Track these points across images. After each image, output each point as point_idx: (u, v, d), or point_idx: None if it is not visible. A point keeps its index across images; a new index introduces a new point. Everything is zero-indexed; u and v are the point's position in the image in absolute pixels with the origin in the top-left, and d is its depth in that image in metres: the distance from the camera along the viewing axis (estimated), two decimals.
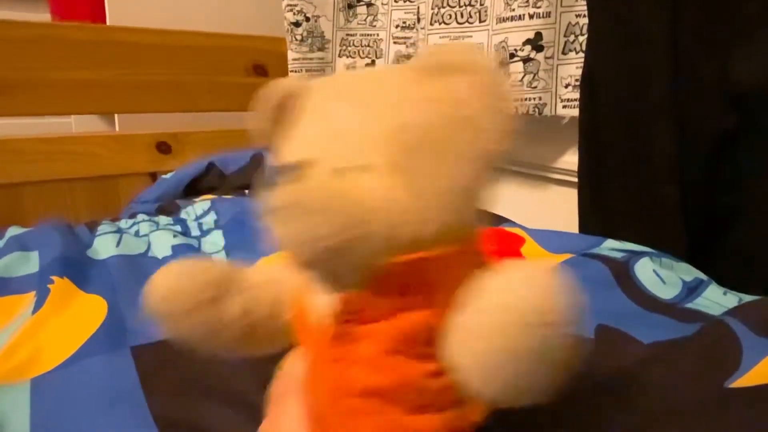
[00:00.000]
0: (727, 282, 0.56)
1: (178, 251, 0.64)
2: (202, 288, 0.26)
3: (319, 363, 0.25)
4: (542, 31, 0.78)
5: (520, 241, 0.66)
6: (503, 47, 0.82)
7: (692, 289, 0.54)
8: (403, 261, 0.22)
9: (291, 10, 1.09)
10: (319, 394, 0.25)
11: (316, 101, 0.26)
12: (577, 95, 0.75)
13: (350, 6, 1.11)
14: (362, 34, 1.12)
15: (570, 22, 0.78)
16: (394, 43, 1.08)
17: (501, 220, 0.81)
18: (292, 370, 0.28)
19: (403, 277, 0.23)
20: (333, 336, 0.24)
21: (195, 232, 0.72)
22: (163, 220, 0.75)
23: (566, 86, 0.80)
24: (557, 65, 0.80)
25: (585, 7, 0.73)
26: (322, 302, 0.25)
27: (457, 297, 0.23)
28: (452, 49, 0.25)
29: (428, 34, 0.93)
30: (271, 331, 0.28)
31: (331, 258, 0.21)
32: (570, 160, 0.86)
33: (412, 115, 0.24)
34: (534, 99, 0.80)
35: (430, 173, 0.23)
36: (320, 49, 1.13)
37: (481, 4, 0.86)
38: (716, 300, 0.52)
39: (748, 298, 0.51)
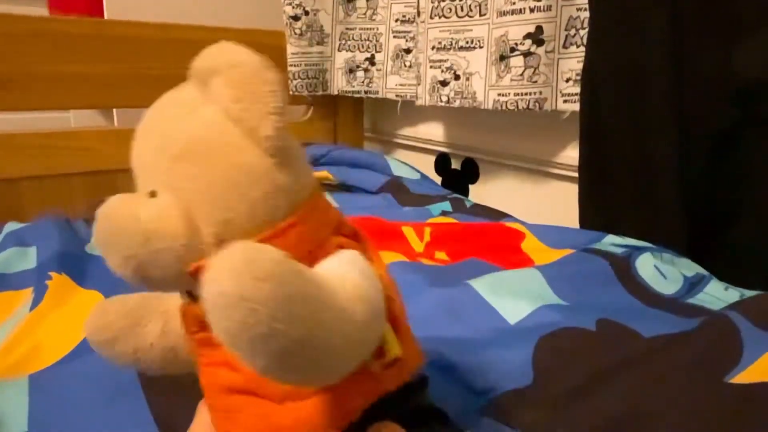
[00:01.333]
0: (728, 277, 0.56)
1: None
2: (119, 318, 0.28)
3: (200, 366, 0.27)
4: (543, 25, 0.78)
5: (520, 236, 0.66)
6: (503, 41, 0.81)
7: (693, 285, 0.54)
8: (191, 269, 0.23)
9: (290, 4, 1.08)
10: (207, 394, 0.27)
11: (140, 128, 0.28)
12: (577, 90, 0.75)
13: (349, 0, 1.11)
14: (362, 28, 1.11)
15: (571, 16, 0.78)
16: (394, 37, 1.07)
17: (501, 215, 0.80)
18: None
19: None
20: (199, 342, 0.26)
21: None
22: None
23: (567, 81, 0.79)
24: (558, 59, 0.79)
25: (586, 1, 0.72)
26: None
27: None
28: (206, 51, 0.26)
29: (428, 28, 0.92)
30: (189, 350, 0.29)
31: (139, 276, 0.24)
32: (570, 154, 0.85)
33: (165, 135, 0.25)
34: (534, 93, 0.80)
35: (192, 182, 0.24)
36: (319, 43, 1.12)
37: None
38: (717, 295, 0.52)
39: (749, 293, 0.51)
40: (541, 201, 0.95)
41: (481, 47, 0.87)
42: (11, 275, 0.54)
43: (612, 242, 0.62)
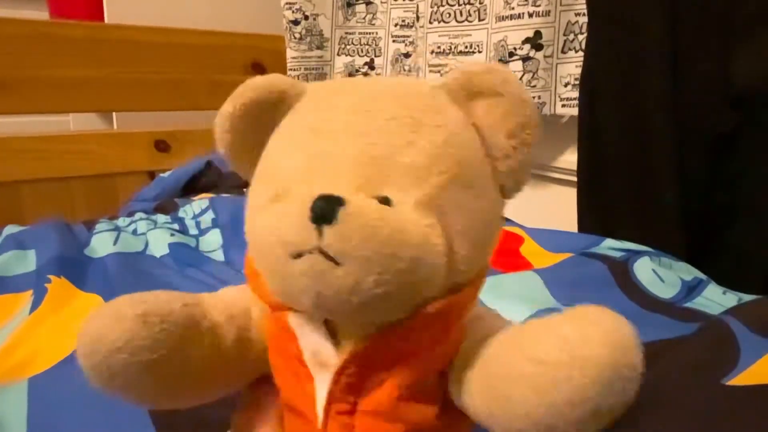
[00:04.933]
0: (726, 281, 0.56)
1: (175, 250, 0.63)
2: (164, 338, 0.22)
3: (326, 416, 0.22)
4: (542, 30, 0.78)
5: (519, 240, 0.66)
6: (502, 46, 0.82)
7: (692, 289, 0.54)
8: (439, 307, 0.21)
9: (290, 8, 1.09)
10: None
11: (315, 113, 0.23)
12: (576, 94, 0.75)
13: (349, 4, 1.11)
14: (361, 33, 1.12)
15: (569, 21, 0.78)
16: (393, 41, 1.08)
17: None
18: (262, 401, 0.26)
19: (432, 323, 0.21)
20: (338, 389, 0.22)
21: (193, 230, 0.71)
22: (160, 218, 0.75)
23: (565, 85, 0.80)
24: (556, 64, 0.80)
25: (584, 6, 0.73)
26: (311, 346, 0.23)
27: (471, 335, 0.22)
28: (483, 69, 0.22)
29: (427, 33, 0.93)
30: (236, 369, 0.25)
31: (370, 308, 0.19)
32: (569, 159, 0.86)
33: (443, 144, 0.21)
34: (533, 98, 0.80)
35: (460, 211, 0.21)
36: (319, 48, 1.13)
37: (480, 3, 0.86)
38: (715, 299, 0.52)
39: (747, 297, 0.51)
40: (539, 205, 0.95)
41: (480, 52, 0.87)
42: (10, 278, 0.54)
43: (610, 246, 0.62)
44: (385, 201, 0.20)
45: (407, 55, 1.06)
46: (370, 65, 1.12)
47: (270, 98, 0.24)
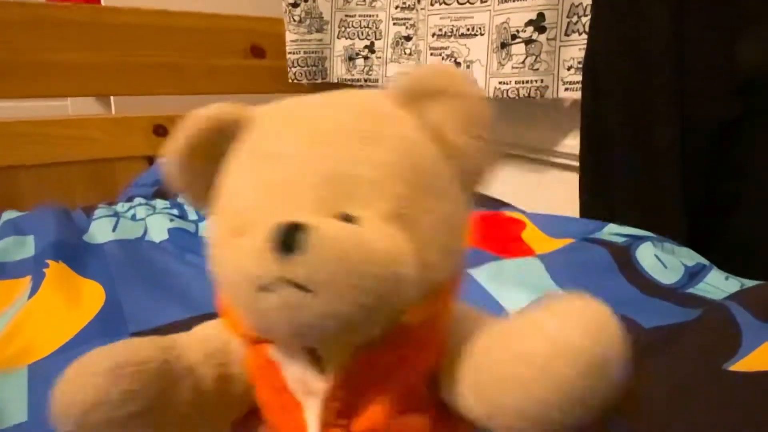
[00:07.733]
0: (728, 267, 0.56)
1: (174, 235, 0.63)
2: (140, 388, 0.21)
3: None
4: (545, 12, 0.77)
5: (521, 225, 0.66)
6: (505, 28, 0.80)
7: (694, 274, 0.54)
8: (419, 316, 0.20)
9: None
10: None
11: (266, 139, 0.22)
12: (579, 78, 0.74)
13: None
14: (361, 15, 1.10)
15: (573, 3, 0.77)
16: (394, 24, 1.06)
17: (501, 204, 0.80)
18: None
19: (412, 333, 0.21)
20: (329, 414, 0.22)
21: (192, 215, 0.71)
22: (160, 203, 0.75)
23: (568, 68, 0.79)
24: (560, 47, 0.79)
25: None
26: (296, 375, 0.23)
27: (453, 336, 0.22)
28: (429, 71, 0.22)
29: (429, 15, 0.91)
30: (221, 408, 0.25)
31: (349, 329, 0.19)
32: (571, 143, 0.85)
33: (398, 152, 0.21)
34: (536, 81, 0.79)
35: (425, 217, 0.21)
36: (318, 31, 1.11)
37: None
38: (718, 285, 0.52)
39: (750, 283, 0.51)
40: (541, 190, 0.94)
41: (482, 34, 0.86)
42: (10, 264, 0.54)
43: (613, 231, 0.62)
44: (347, 219, 0.20)
45: (408, 38, 1.04)
46: (371, 48, 1.10)
47: (218, 128, 0.23)
